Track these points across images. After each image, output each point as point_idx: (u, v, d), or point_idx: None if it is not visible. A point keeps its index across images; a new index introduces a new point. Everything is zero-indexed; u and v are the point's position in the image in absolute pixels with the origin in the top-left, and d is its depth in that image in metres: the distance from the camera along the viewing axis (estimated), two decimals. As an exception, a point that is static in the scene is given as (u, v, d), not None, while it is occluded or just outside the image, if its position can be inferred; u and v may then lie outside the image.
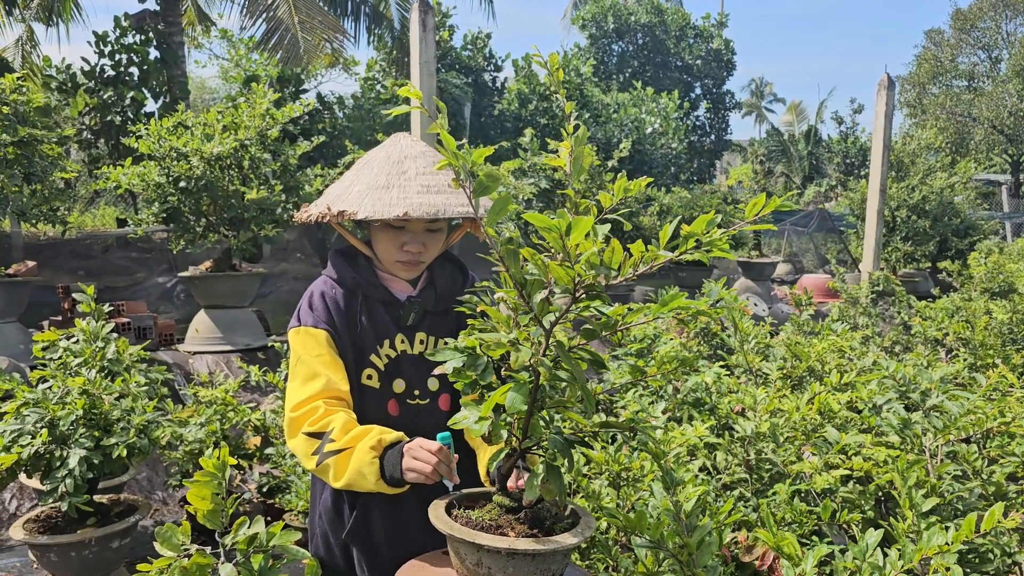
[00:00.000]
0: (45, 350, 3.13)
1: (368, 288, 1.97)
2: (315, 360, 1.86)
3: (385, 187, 1.82)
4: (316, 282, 2.03)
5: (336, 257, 2.05)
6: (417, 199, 1.78)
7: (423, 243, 1.91)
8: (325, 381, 1.83)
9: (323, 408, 1.80)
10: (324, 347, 1.89)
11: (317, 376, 1.84)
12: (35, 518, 3.06)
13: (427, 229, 1.91)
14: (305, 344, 1.90)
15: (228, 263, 6.25)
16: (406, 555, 1.74)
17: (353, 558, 2.00)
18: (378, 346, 1.95)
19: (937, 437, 2.20)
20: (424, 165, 1.87)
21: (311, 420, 1.79)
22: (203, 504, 1.34)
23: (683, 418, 2.78)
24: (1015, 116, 25.63)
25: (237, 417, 3.74)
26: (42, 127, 5.54)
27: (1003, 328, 4.44)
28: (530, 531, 1.43)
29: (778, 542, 1.64)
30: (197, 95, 25.01)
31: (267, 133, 5.84)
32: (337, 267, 2.02)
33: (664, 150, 15.57)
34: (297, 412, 1.82)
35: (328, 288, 1.98)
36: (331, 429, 1.75)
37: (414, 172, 1.85)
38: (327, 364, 1.86)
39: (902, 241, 11.31)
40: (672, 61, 23.02)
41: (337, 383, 1.85)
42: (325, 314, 1.92)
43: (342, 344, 1.92)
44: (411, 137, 2.02)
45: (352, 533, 1.95)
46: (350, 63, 17.19)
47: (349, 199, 1.82)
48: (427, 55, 5.23)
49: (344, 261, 2.02)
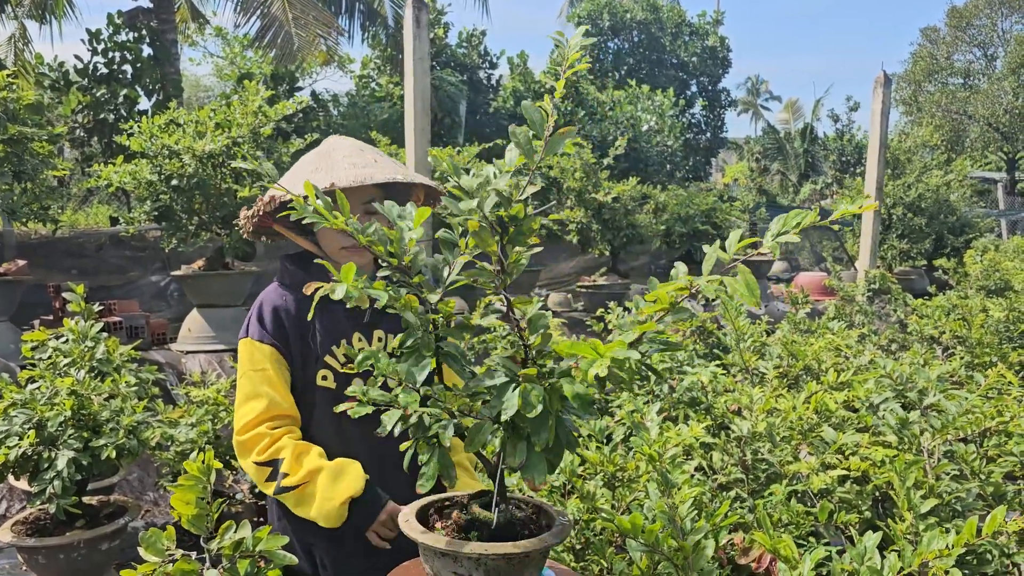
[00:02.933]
0: (34, 350, 3.10)
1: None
2: (258, 376, 1.90)
3: (313, 171, 1.91)
4: (266, 290, 2.02)
5: (287, 261, 2.05)
6: (343, 173, 1.84)
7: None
8: (267, 402, 1.88)
9: (268, 437, 1.84)
10: (268, 362, 1.91)
11: (259, 396, 1.88)
12: (23, 520, 3.02)
13: (366, 211, 1.91)
14: (251, 357, 1.92)
15: (221, 262, 6.21)
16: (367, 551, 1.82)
17: (317, 561, 1.99)
18: (334, 347, 1.95)
19: (935, 437, 2.18)
20: (351, 152, 1.93)
21: (259, 449, 1.84)
22: (187, 509, 1.31)
23: (679, 417, 2.76)
24: (1011, 114, 25.68)
25: (229, 417, 3.71)
26: (33, 125, 5.50)
27: (999, 326, 4.42)
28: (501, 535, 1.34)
29: (775, 544, 1.61)
30: (191, 93, 24.93)
31: (260, 131, 5.80)
32: (289, 272, 2.02)
33: (660, 148, 15.56)
34: (243, 436, 1.87)
35: (277, 297, 1.97)
36: (281, 459, 1.81)
37: (340, 156, 1.92)
38: (269, 380, 1.90)
39: (898, 239, 11.31)
40: (668, 59, 23.00)
41: (279, 401, 1.89)
42: (272, 326, 1.93)
43: (290, 355, 1.93)
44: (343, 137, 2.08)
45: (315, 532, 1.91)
46: (345, 61, 17.14)
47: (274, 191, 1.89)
48: (421, 52, 5.20)
49: (295, 264, 2.03)
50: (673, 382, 2.97)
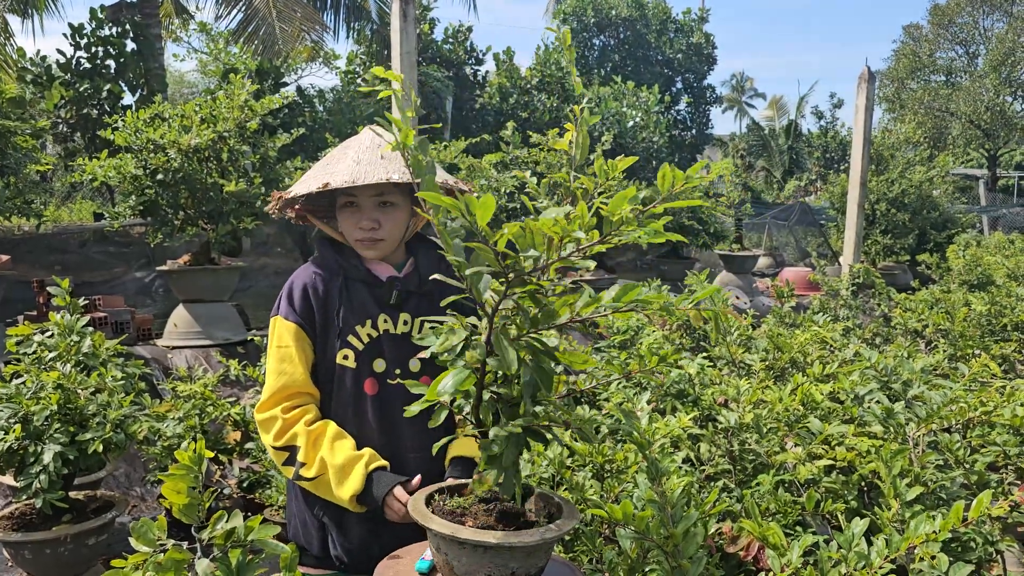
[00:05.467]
0: (19, 344, 3.07)
1: (351, 270, 2.03)
2: (281, 352, 1.97)
3: (323, 167, 1.94)
4: (299, 270, 2.09)
5: (322, 244, 2.12)
6: (342, 168, 1.87)
7: (376, 219, 1.97)
8: (286, 379, 1.94)
9: (281, 422, 1.91)
10: (292, 339, 1.98)
11: (280, 373, 1.96)
12: (9, 515, 3.00)
13: (378, 204, 1.97)
14: (278, 334, 2.00)
15: (207, 257, 6.17)
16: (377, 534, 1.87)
17: (328, 538, 2.01)
18: (358, 326, 1.99)
19: (920, 426, 2.20)
20: (366, 147, 1.94)
21: (275, 433, 1.92)
22: (178, 498, 1.30)
23: (666, 409, 2.77)
24: (992, 111, 25.90)
25: (216, 412, 3.69)
26: (16, 119, 5.44)
27: (982, 320, 4.47)
28: (496, 524, 1.37)
29: (763, 532, 1.63)
30: (175, 89, 24.74)
31: (246, 125, 5.77)
32: (322, 252, 2.09)
33: (645, 144, 15.59)
34: (261, 416, 1.95)
35: (308, 276, 2.04)
36: (297, 447, 1.89)
37: (352, 151, 1.93)
38: (291, 358, 1.96)
39: (881, 234, 11.39)
40: (653, 55, 23.05)
41: (297, 379, 1.95)
42: (301, 304, 2.00)
43: (314, 333, 2.00)
44: (376, 130, 2.05)
45: (325, 508, 1.98)
46: (330, 57, 17.07)
47: (298, 186, 1.94)
48: (408, 46, 5.18)
49: (329, 246, 2.09)
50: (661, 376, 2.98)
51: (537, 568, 1.37)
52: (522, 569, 1.34)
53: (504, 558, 1.31)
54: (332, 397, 1.99)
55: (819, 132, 23.60)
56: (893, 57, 29.99)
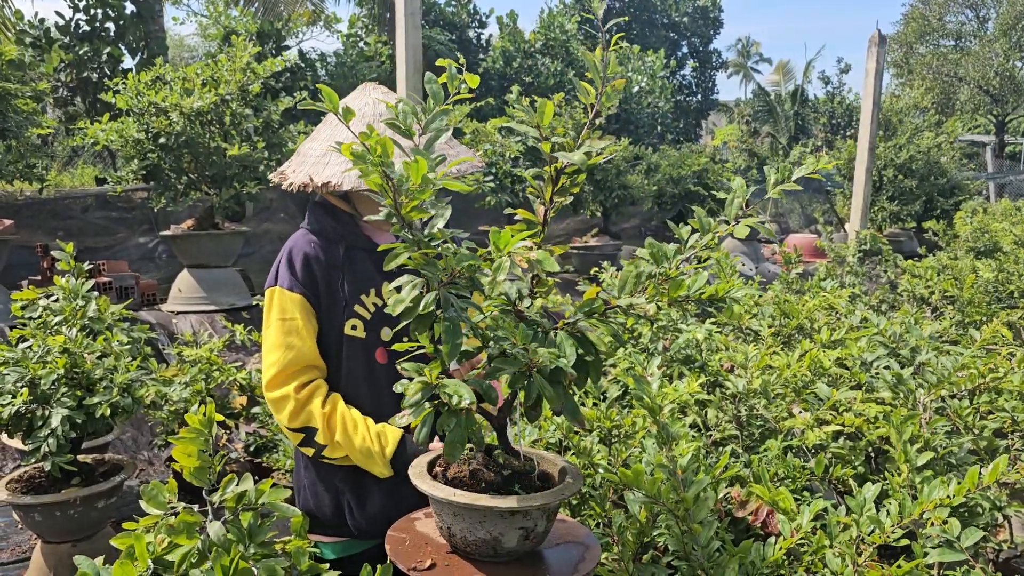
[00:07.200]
0: (24, 309, 3.07)
1: (351, 238, 1.96)
2: (287, 325, 1.88)
3: (320, 155, 1.87)
4: (295, 236, 2.00)
5: (316, 209, 2.02)
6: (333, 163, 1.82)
7: None
8: (294, 353, 1.87)
9: (293, 402, 1.84)
10: (297, 311, 1.89)
11: (287, 347, 1.87)
12: (18, 478, 3.02)
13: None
14: (281, 306, 1.90)
15: (211, 221, 6.15)
16: (397, 500, 1.82)
17: (344, 505, 1.99)
18: (363, 295, 1.94)
19: (929, 392, 2.19)
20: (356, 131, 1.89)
21: (289, 413, 1.84)
22: (189, 461, 1.30)
23: (673, 375, 2.77)
24: (1001, 76, 25.59)
25: (222, 376, 3.70)
26: (16, 81, 5.39)
27: (989, 286, 4.46)
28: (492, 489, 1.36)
29: (774, 497, 1.63)
30: (175, 53, 24.51)
31: (248, 88, 5.71)
32: (318, 218, 2.00)
33: (651, 109, 15.45)
34: (272, 394, 1.87)
35: (306, 244, 1.96)
36: (314, 428, 1.84)
37: (346, 137, 1.82)
38: (297, 330, 1.88)
39: (888, 201, 11.32)
40: (658, 19, 22.76)
41: (306, 352, 1.88)
42: (303, 274, 1.91)
43: (319, 304, 1.92)
44: (379, 90, 2.01)
45: (345, 478, 1.95)
46: (332, 20, 16.85)
47: (330, 170, 1.84)
48: (412, 7, 5.10)
49: (325, 212, 2.00)
50: (667, 341, 2.98)
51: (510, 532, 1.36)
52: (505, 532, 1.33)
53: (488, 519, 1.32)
54: (341, 371, 1.94)
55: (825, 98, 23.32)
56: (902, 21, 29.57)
